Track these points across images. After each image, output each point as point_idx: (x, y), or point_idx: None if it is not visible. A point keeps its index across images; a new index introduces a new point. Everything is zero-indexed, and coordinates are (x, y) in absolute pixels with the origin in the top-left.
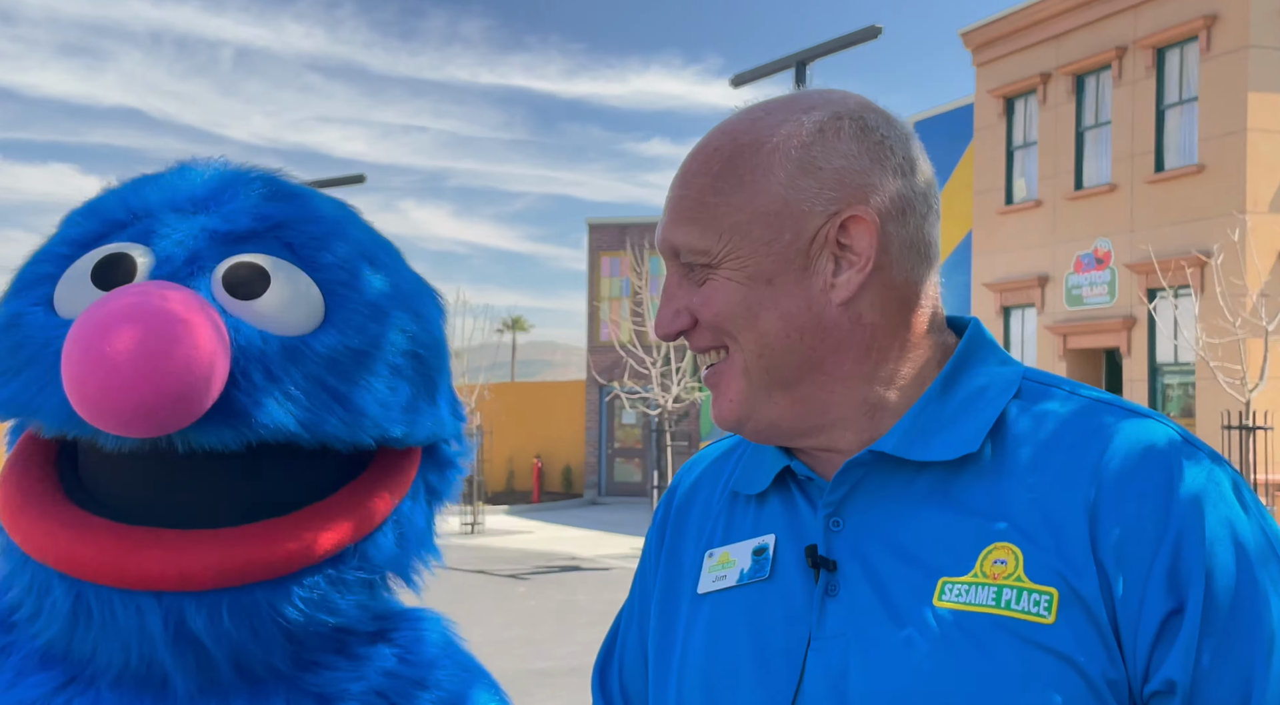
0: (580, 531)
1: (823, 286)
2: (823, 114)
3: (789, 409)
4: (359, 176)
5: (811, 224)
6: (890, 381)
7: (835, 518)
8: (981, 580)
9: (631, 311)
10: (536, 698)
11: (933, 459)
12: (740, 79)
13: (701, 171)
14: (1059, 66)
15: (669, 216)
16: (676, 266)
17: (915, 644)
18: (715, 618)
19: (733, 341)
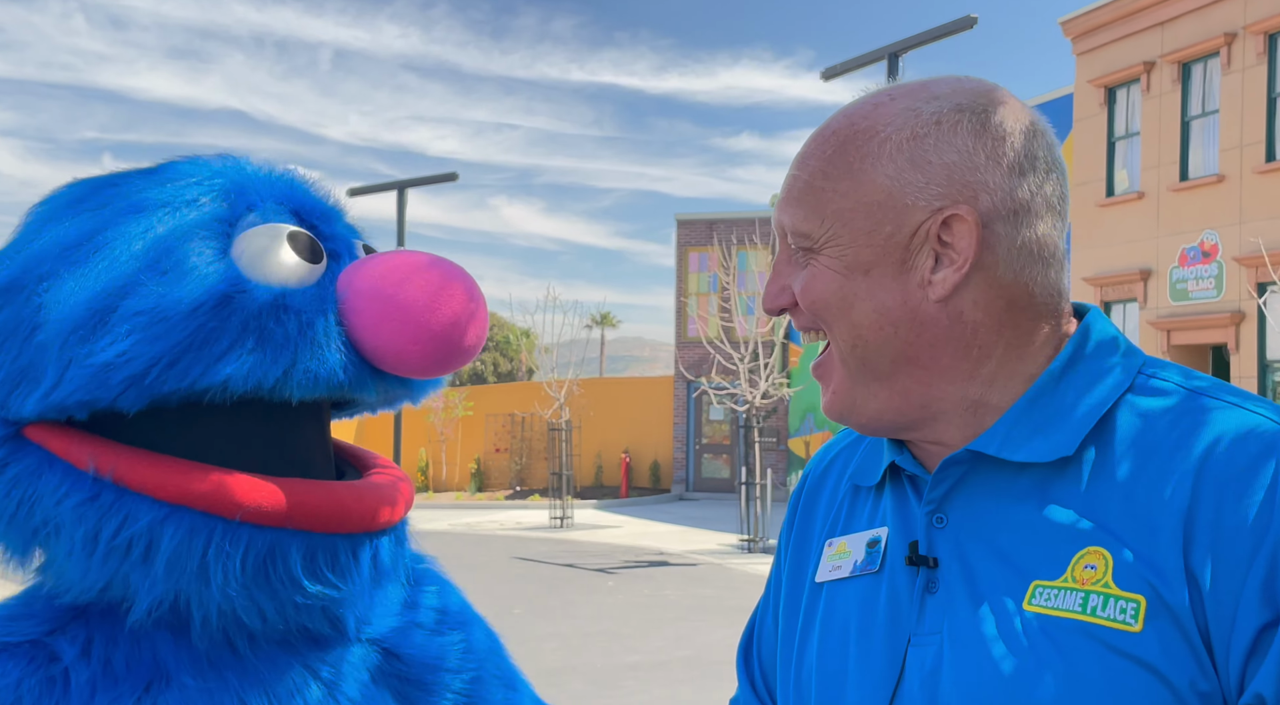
0: (668, 527)
1: (920, 282)
2: (944, 105)
3: (888, 402)
4: (452, 175)
5: (913, 218)
6: (993, 379)
7: (938, 514)
8: (1071, 585)
9: (719, 307)
10: (625, 690)
11: (1029, 460)
12: (831, 72)
13: (816, 154)
14: (1163, 54)
15: (783, 195)
16: (786, 245)
17: (1002, 647)
18: (830, 607)
19: (828, 329)
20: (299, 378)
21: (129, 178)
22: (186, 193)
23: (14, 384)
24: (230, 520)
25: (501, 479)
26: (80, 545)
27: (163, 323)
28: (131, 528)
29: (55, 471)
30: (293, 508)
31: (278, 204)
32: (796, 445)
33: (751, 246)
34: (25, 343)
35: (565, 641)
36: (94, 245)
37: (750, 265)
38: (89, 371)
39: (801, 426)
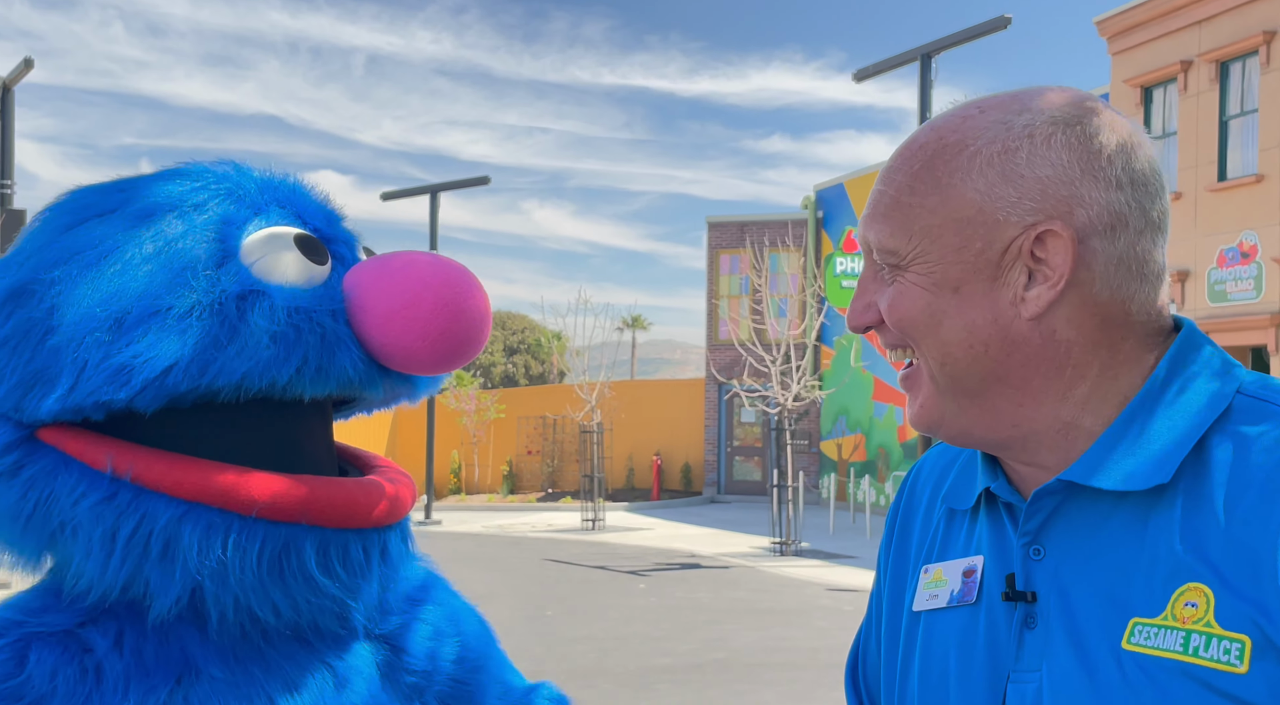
0: (699, 529)
1: (1012, 299)
2: (1037, 117)
3: (978, 419)
4: (484, 178)
5: (1005, 234)
6: (1086, 401)
7: (1035, 546)
8: (1171, 623)
9: (751, 309)
10: (657, 692)
11: (1123, 489)
12: (863, 74)
13: (902, 169)
14: (1201, 53)
15: (868, 210)
16: (871, 261)
17: (1100, 688)
18: (928, 639)
19: (916, 347)
20: (310, 375)
21: (135, 184)
22: (194, 196)
23: (28, 387)
24: (246, 516)
25: (533, 481)
26: (99, 545)
27: (178, 323)
28: (150, 526)
29: (71, 472)
30: (307, 503)
31: (281, 208)
32: (829, 448)
33: (783, 248)
34: (38, 346)
35: (597, 643)
36: (104, 249)
37: (782, 267)
38: (106, 373)
39: (834, 429)
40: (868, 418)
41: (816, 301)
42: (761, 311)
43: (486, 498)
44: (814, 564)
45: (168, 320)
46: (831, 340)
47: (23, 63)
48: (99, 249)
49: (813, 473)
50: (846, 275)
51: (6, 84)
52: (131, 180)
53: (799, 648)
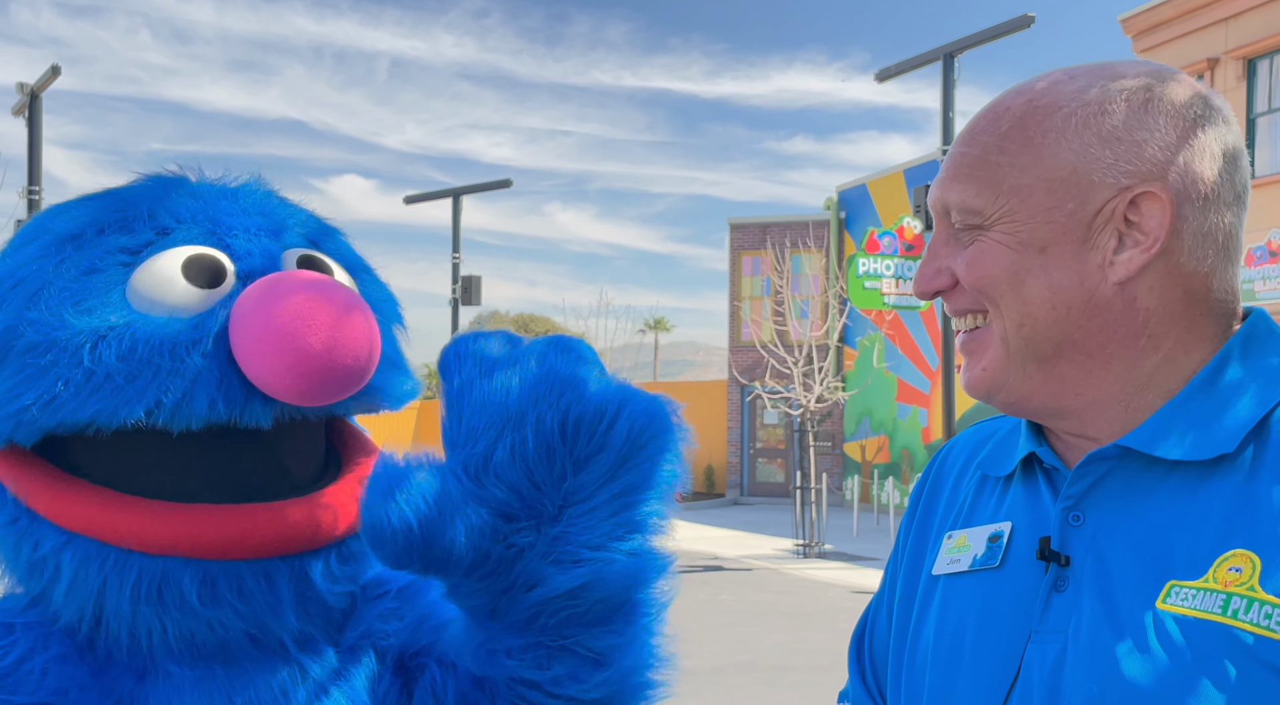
0: (723, 531)
1: (1100, 263)
2: (1134, 83)
3: (1042, 386)
4: (506, 181)
5: (1099, 196)
6: (1154, 373)
7: (1075, 511)
8: (1211, 586)
9: (773, 311)
10: (680, 695)
11: (1184, 458)
12: (885, 74)
13: (989, 129)
14: (1228, 50)
15: (946, 172)
16: (945, 225)
17: (1129, 646)
18: (945, 602)
19: (993, 307)
20: (167, 413)
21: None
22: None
23: None
24: (122, 549)
25: None
26: (8, 562)
27: (42, 361)
28: (41, 552)
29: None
30: (181, 538)
31: (196, 223)
32: (852, 449)
33: (805, 250)
34: None
35: None
36: (14, 280)
37: (803, 268)
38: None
39: (857, 430)
40: (891, 419)
41: (839, 302)
42: (784, 313)
43: None
44: (837, 566)
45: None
46: (854, 341)
47: (50, 70)
48: (11, 279)
49: (836, 474)
50: (869, 276)
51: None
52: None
53: (823, 650)
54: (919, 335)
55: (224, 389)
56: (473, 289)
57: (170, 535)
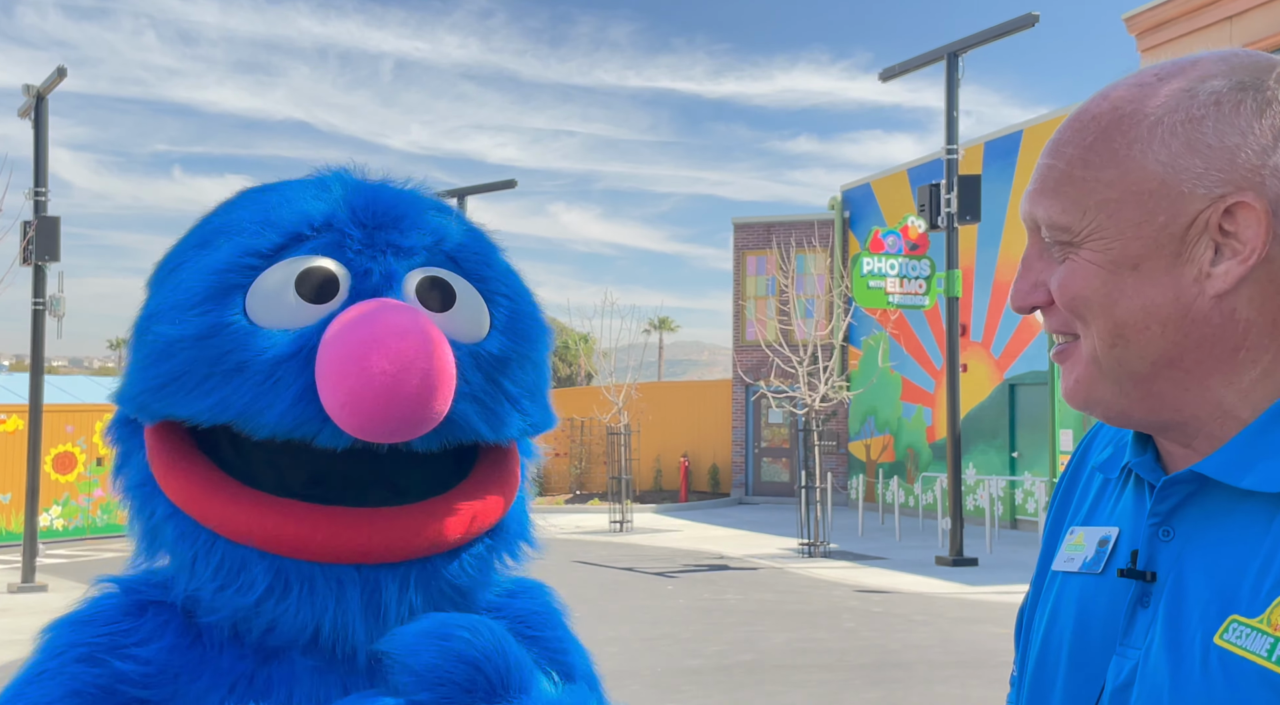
0: (727, 531)
1: (1196, 276)
2: (1223, 83)
3: (1140, 402)
4: (511, 182)
5: (1191, 207)
6: (1251, 389)
7: (1165, 527)
8: (1265, 628)
9: (778, 310)
10: (685, 694)
11: (1252, 488)
12: (889, 73)
13: (1074, 141)
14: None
15: (1035, 186)
16: (1037, 239)
17: (1184, 676)
18: (1058, 599)
19: (1084, 327)
20: (251, 419)
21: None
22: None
23: None
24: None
25: (561, 483)
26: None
27: (157, 349)
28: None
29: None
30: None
31: (331, 231)
32: (857, 448)
33: (809, 249)
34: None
35: (625, 645)
36: (172, 267)
37: (808, 268)
38: (121, 387)
39: (862, 430)
40: (896, 418)
41: (843, 302)
42: (788, 312)
43: None
44: (842, 565)
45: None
46: (859, 341)
47: (56, 72)
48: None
49: (841, 474)
50: (873, 275)
51: (41, 93)
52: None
53: (827, 649)
54: (923, 334)
55: (299, 408)
56: None
57: (245, 526)
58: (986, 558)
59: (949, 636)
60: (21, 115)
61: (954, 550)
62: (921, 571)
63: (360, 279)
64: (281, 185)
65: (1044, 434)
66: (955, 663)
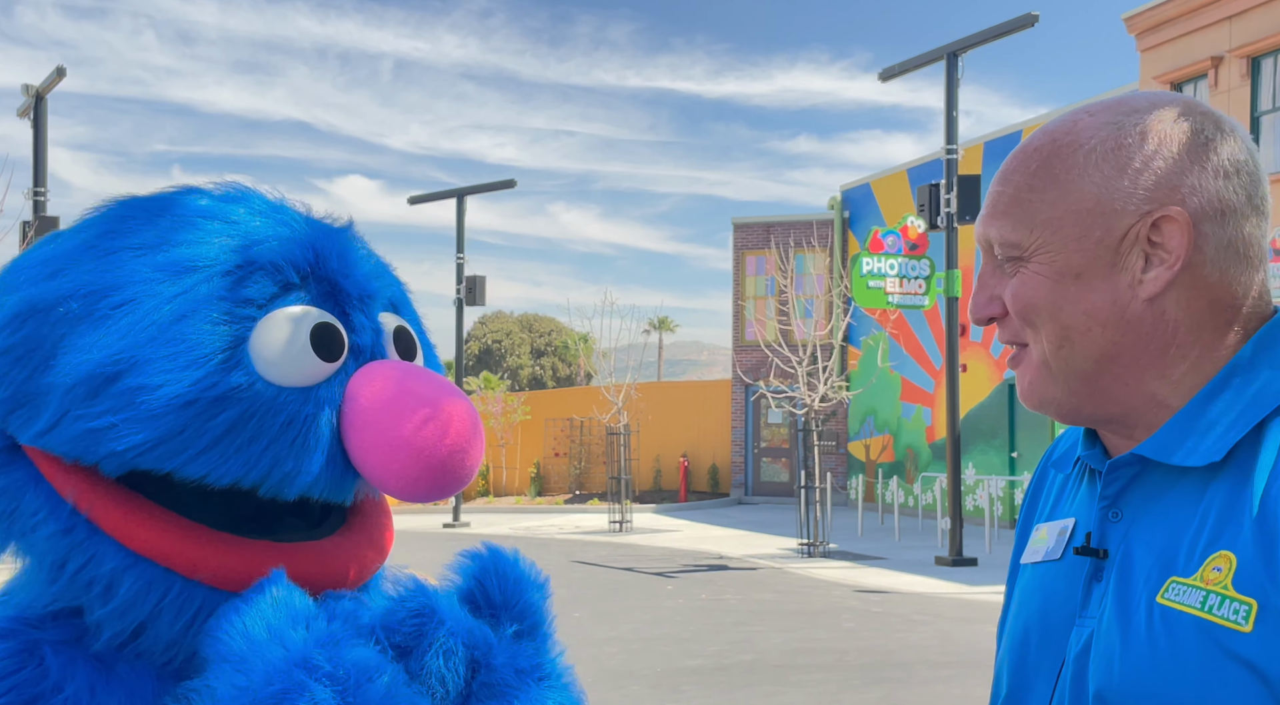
0: (727, 531)
1: (1130, 282)
2: (1145, 117)
3: (1087, 398)
4: (510, 181)
5: (1123, 222)
6: (1181, 380)
7: (1113, 509)
8: (1198, 583)
9: (777, 310)
10: (685, 694)
11: (1183, 465)
12: (889, 73)
13: (1020, 170)
14: (1231, 49)
15: (986, 210)
16: (990, 257)
17: (1131, 634)
18: (1024, 589)
19: (1034, 332)
20: (276, 481)
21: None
22: (226, 257)
23: (16, 405)
24: (189, 579)
25: (561, 483)
26: (47, 571)
27: (155, 407)
28: (96, 569)
29: (39, 494)
30: (252, 573)
31: (317, 283)
32: (856, 448)
33: (809, 249)
34: (37, 371)
35: (625, 645)
36: (126, 296)
37: (808, 268)
38: (77, 431)
39: (861, 430)
40: (895, 418)
41: (843, 302)
42: (788, 312)
43: (514, 500)
44: (842, 565)
45: (148, 401)
46: (858, 341)
47: (55, 71)
48: (122, 294)
49: (840, 474)
50: (873, 275)
51: (40, 93)
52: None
53: (827, 649)
54: (923, 334)
55: (329, 470)
56: (477, 289)
57: (246, 570)
58: (986, 558)
59: (949, 636)
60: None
61: (953, 550)
62: (921, 571)
63: (357, 334)
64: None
65: (1043, 434)
66: (955, 663)
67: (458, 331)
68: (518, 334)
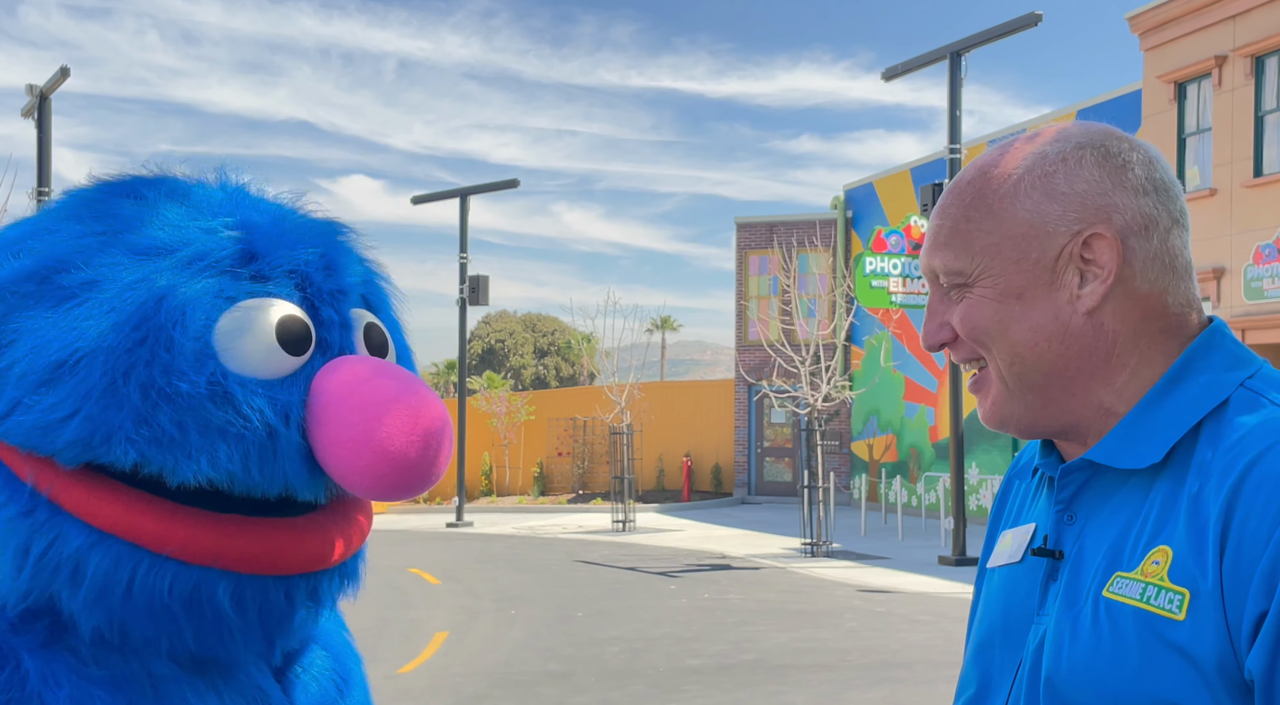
0: (730, 530)
1: (1069, 298)
2: (1065, 145)
3: (1041, 411)
4: (513, 181)
5: (1056, 243)
6: (1124, 388)
7: (1068, 512)
8: (1138, 577)
9: (780, 310)
10: (688, 694)
11: (1128, 467)
12: (892, 72)
13: (956, 203)
14: (1236, 48)
15: (929, 243)
16: (937, 287)
17: (1079, 627)
18: (990, 591)
19: (987, 352)
20: (240, 477)
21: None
22: (195, 242)
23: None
24: (157, 554)
25: (564, 483)
26: (11, 556)
27: (113, 399)
28: (61, 549)
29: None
30: (222, 548)
31: (288, 273)
32: (859, 448)
33: (812, 249)
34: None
35: (628, 645)
36: (86, 278)
37: (810, 267)
38: (31, 420)
39: (864, 429)
40: (899, 418)
41: (846, 301)
42: (791, 312)
43: (517, 499)
44: (845, 565)
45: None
46: (861, 340)
47: (59, 72)
48: (81, 277)
49: (844, 473)
50: (876, 275)
51: (44, 93)
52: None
53: (830, 649)
54: None
55: (295, 465)
56: (480, 288)
57: (214, 545)
58: None
59: (952, 636)
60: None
61: (957, 550)
62: (924, 571)
63: (324, 328)
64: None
65: None
66: (957, 663)
67: (461, 331)
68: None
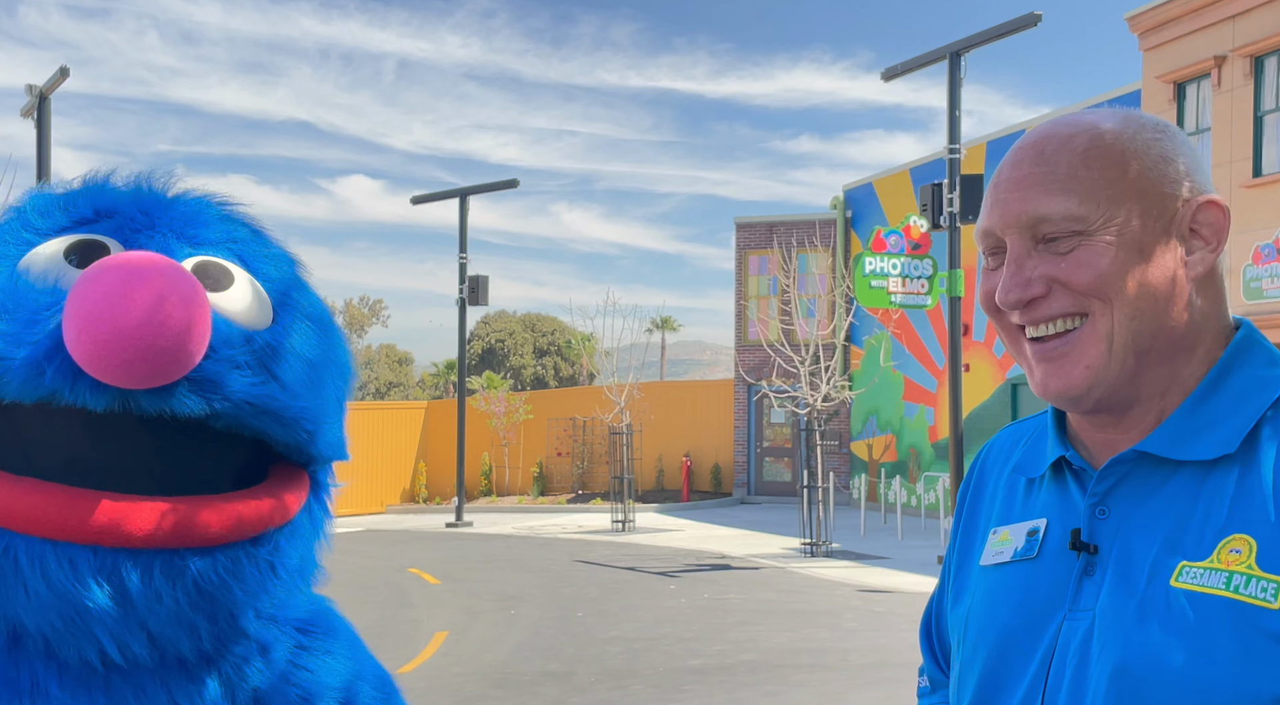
0: (729, 530)
1: (1182, 262)
2: (1148, 122)
3: (1130, 379)
4: (513, 181)
5: (1172, 205)
6: (1193, 369)
7: (1101, 506)
8: (1216, 566)
9: (780, 310)
10: (688, 693)
11: (1193, 459)
12: (892, 72)
13: (1066, 150)
14: (1235, 48)
15: (1032, 190)
16: (1024, 239)
17: (1148, 620)
18: (991, 588)
19: (1103, 305)
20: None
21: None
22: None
23: None
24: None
25: (563, 483)
26: None
27: None
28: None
29: None
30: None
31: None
32: (859, 448)
33: (811, 249)
34: None
35: (628, 645)
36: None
37: (810, 267)
38: None
39: (864, 429)
40: (898, 418)
41: (845, 301)
42: (790, 312)
43: (517, 499)
44: (845, 565)
45: None
46: (861, 340)
47: (59, 72)
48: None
49: (843, 473)
50: (875, 275)
51: (43, 93)
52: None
53: (830, 649)
54: (925, 334)
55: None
56: (480, 288)
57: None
58: None
59: None
60: (24, 115)
61: None
62: (924, 571)
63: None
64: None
65: None
66: None
67: (460, 331)
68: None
